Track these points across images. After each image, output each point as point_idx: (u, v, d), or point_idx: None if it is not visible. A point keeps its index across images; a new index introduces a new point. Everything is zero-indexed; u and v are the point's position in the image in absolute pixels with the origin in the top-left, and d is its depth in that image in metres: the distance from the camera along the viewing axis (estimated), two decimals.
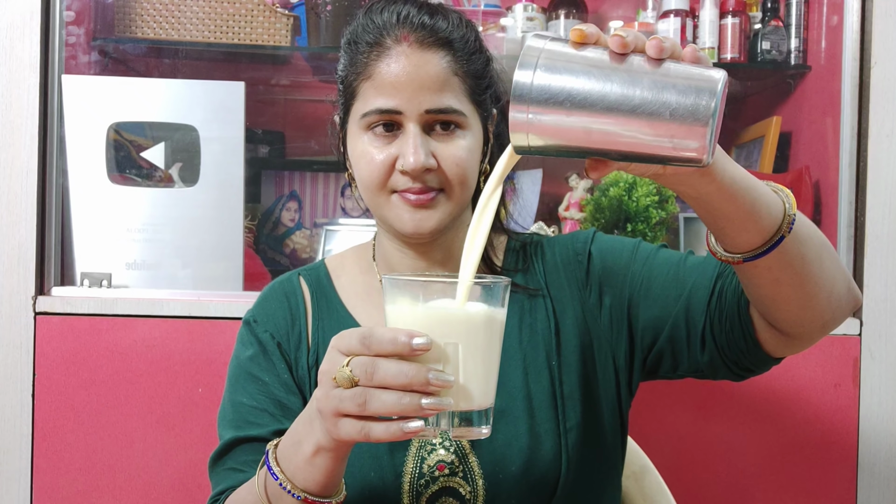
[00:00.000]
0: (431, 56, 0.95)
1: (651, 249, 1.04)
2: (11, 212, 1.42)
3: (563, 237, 1.10)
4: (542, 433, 0.97)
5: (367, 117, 0.96)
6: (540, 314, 1.04)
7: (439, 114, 0.95)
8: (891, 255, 1.46)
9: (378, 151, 0.96)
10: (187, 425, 1.42)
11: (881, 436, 1.44)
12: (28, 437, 1.41)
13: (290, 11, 1.70)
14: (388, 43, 0.95)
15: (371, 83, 0.96)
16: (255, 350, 1.03)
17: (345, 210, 1.88)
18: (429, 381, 0.67)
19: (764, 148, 1.76)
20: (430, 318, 0.70)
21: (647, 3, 1.84)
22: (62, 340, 1.41)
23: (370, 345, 0.69)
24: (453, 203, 0.98)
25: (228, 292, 1.48)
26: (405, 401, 0.68)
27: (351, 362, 0.70)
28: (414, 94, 0.94)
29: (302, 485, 0.80)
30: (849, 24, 1.51)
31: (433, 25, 0.96)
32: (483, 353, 0.71)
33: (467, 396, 0.70)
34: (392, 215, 0.98)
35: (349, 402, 0.69)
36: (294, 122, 1.94)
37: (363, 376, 0.69)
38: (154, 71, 1.75)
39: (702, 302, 0.96)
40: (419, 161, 0.93)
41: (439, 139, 0.96)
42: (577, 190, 1.70)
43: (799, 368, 1.44)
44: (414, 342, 0.68)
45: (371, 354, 0.69)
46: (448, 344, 0.68)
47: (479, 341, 0.71)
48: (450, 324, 0.69)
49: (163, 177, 1.54)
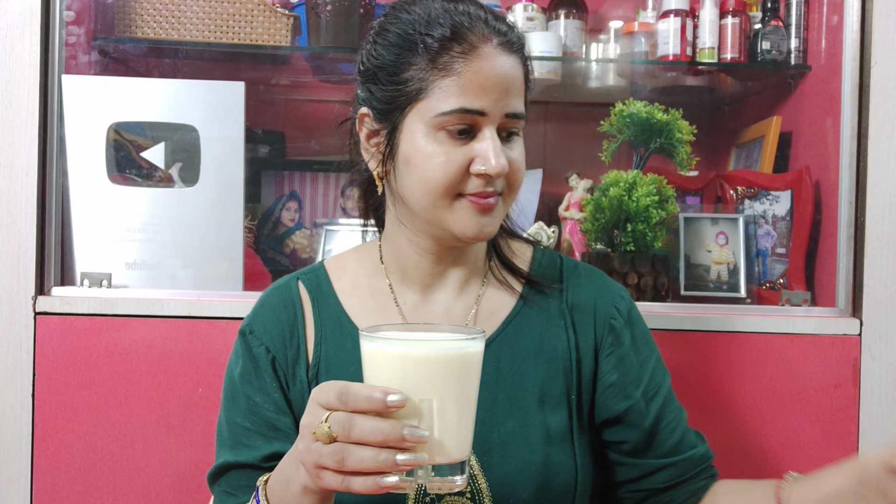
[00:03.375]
0: (514, 59, 0.94)
1: (656, 391, 1.05)
2: (11, 212, 1.42)
3: (606, 282, 1.09)
4: (556, 464, 0.97)
5: (444, 116, 0.91)
6: (560, 343, 1.03)
7: (516, 118, 0.94)
8: (891, 255, 1.46)
9: (454, 153, 0.92)
10: (187, 425, 1.42)
11: (881, 436, 1.44)
12: (28, 437, 1.41)
13: (290, 11, 1.70)
14: (473, 40, 0.91)
15: (454, 81, 0.90)
16: (246, 365, 1.02)
17: (345, 210, 1.88)
18: (404, 437, 0.69)
19: (764, 148, 1.76)
20: (405, 374, 0.70)
21: (647, 3, 1.84)
22: (62, 340, 1.41)
23: (347, 401, 0.71)
24: (507, 207, 0.99)
25: (228, 292, 1.48)
26: (381, 457, 0.69)
27: (329, 418, 0.71)
28: (500, 96, 0.92)
29: None
30: (849, 24, 1.50)
31: (506, 31, 0.95)
32: (458, 406, 0.72)
33: (442, 450, 0.71)
34: (454, 219, 0.94)
35: (328, 459, 0.71)
36: (294, 122, 1.94)
37: (341, 433, 0.70)
38: (154, 71, 1.75)
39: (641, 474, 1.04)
40: (501, 164, 0.91)
41: (507, 144, 0.95)
42: (577, 190, 1.70)
43: (799, 368, 1.44)
44: (388, 399, 0.69)
45: (348, 410, 0.71)
46: (423, 400, 0.70)
47: (454, 395, 0.71)
48: (425, 379, 0.70)
49: (163, 177, 1.54)
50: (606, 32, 1.86)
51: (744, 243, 1.64)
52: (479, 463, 0.96)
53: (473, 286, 1.06)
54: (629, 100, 1.60)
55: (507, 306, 1.05)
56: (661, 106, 1.59)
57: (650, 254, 1.56)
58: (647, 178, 1.56)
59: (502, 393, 0.99)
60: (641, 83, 1.88)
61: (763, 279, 1.67)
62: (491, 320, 1.04)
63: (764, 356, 1.44)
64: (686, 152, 1.59)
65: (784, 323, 1.45)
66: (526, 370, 1.00)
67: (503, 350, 1.02)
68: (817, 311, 1.51)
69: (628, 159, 1.66)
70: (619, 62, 1.85)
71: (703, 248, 1.65)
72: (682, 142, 1.58)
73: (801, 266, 1.63)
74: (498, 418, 0.98)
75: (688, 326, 1.44)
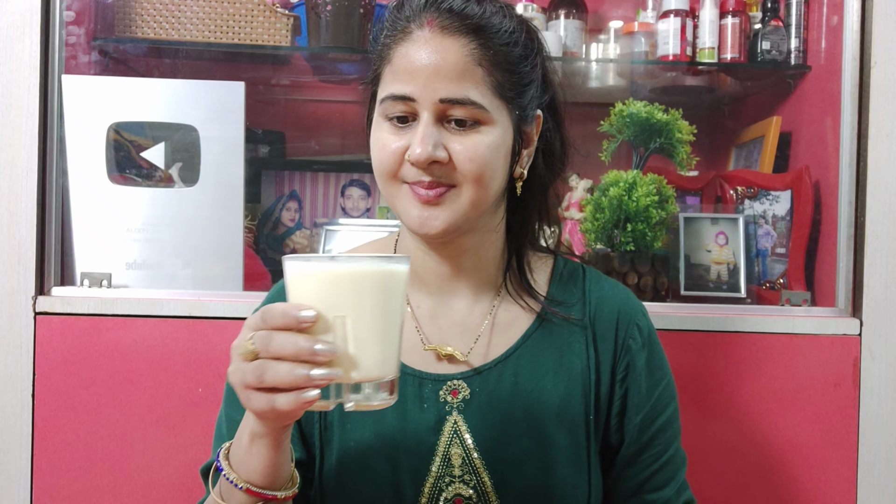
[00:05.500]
0: (453, 42, 0.89)
1: (652, 420, 1.03)
2: (11, 212, 1.42)
3: (630, 298, 1.06)
4: (571, 486, 0.96)
5: (384, 103, 0.92)
6: (580, 360, 1.00)
7: (455, 104, 0.89)
8: (891, 255, 1.46)
9: (392, 139, 0.91)
10: (187, 425, 1.42)
11: (881, 436, 1.44)
12: (28, 437, 1.41)
13: (290, 11, 1.70)
14: (412, 28, 0.91)
15: (390, 68, 0.92)
16: None
17: (345, 210, 1.88)
18: (314, 351, 0.71)
19: (764, 148, 1.76)
20: (319, 292, 0.73)
21: (647, 3, 1.84)
22: (62, 340, 1.41)
23: (267, 318, 0.73)
24: (466, 202, 0.91)
25: (228, 292, 1.48)
26: (297, 371, 0.71)
27: (254, 336, 0.73)
28: (429, 80, 0.88)
29: (245, 476, 0.82)
30: (849, 24, 1.50)
31: (462, 10, 0.90)
32: (374, 325, 0.73)
33: (358, 367, 0.73)
34: (401, 207, 0.93)
35: (250, 375, 0.73)
36: (294, 122, 1.94)
37: (262, 348, 0.72)
38: (154, 71, 1.75)
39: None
40: (426, 152, 0.88)
41: (454, 133, 0.90)
42: (577, 190, 1.70)
43: (799, 368, 1.44)
44: (300, 314, 0.72)
45: (268, 328, 0.73)
46: (336, 317, 0.72)
47: (369, 314, 0.73)
48: (339, 296, 0.72)
49: (163, 177, 1.54)
50: (606, 32, 1.86)
51: (744, 243, 1.64)
52: (491, 480, 0.95)
53: (487, 296, 1.02)
54: (629, 100, 1.60)
55: (525, 319, 1.02)
56: (661, 106, 1.59)
57: (650, 254, 1.56)
58: (647, 178, 1.56)
59: (519, 409, 0.97)
60: (641, 83, 1.88)
61: (763, 279, 1.67)
62: (508, 332, 1.01)
63: (764, 356, 1.44)
64: (686, 152, 1.59)
65: (784, 323, 1.45)
66: (545, 387, 0.98)
67: (521, 365, 0.99)
68: (817, 311, 1.51)
69: (628, 159, 1.66)
70: (619, 62, 1.85)
71: (703, 248, 1.65)
72: (681, 142, 1.58)
73: (801, 266, 1.63)
74: (513, 435, 0.96)
75: (688, 326, 1.44)
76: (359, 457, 0.96)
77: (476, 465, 0.95)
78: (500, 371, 0.99)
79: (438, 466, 0.95)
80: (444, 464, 0.95)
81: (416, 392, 0.98)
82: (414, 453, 0.95)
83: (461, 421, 0.96)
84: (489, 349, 1.00)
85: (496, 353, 1.00)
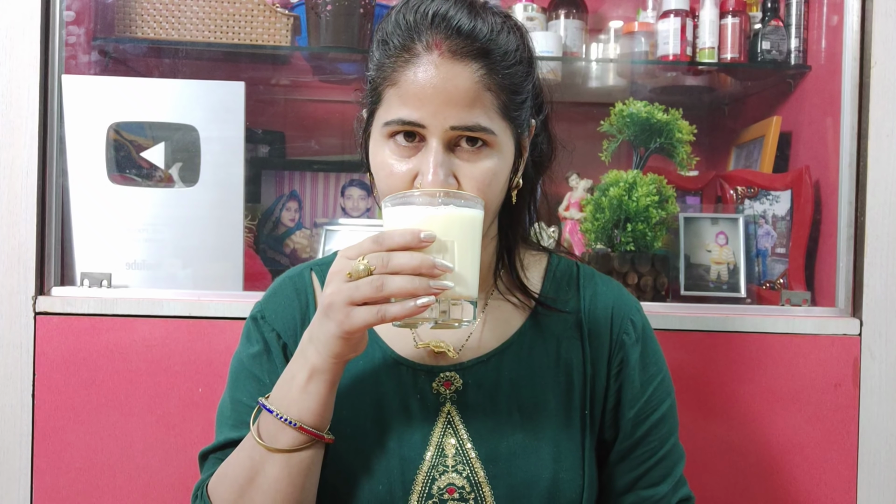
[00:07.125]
0: (463, 68, 0.87)
1: (647, 415, 1.03)
2: (11, 212, 1.42)
3: (623, 294, 1.07)
4: (565, 481, 0.96)
5: (388, 126, 0.90)
6: (576, 356, 1.02)
7: (465, 131, 0.88)
8: (891, 255, 1.46)
9: (398, 164, 0.90)
10: (187, 425, 1.42)
11: (881, 436, 1.44)
12: (28, 437, 1.41)
13: (290, 11, 1.70)
14: (418, 49, 0.88)
15: (396, 91, 0.89)
16: (258, 349, 1.02)
17: (345, 210, 1.88)
18: (434, 265, 0.81)
19: (764, 148, 1.76)
20: (431, 225, 0.84)
21: (647, 3, 1.84)
22: (62, 340, 1.41)
23: (383, 241, 0.82)
24: None
25: (228, 292, 1.48)
26: (416, 282, 0.80)
27: (367, 257, 0.81)
28: (440, 108, 0.87)
29: (297, 415, 0.88)
30: (849, 24, 1.51)
31: (471, 31, 0.88)
32: (471, 252, 0.85)
33: (462, 282, 0.84)
34: None
35: (366, 287, 0.80)
36: (294, 122, 1.94)
37: (379, 265, 0.81)
38: (154, 71, 1.75)
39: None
40: (437, 182, 0.87)
41: (464, 158, 0.90)
42: (577, 190, 1.70)
43: (799, 368, 1.44)
44: (422, 235, 0.81)
45: (384, 250, 0.81)
46: (447, 240, 0.83)
47: (468, 243, 0.85)
48: (446, 228, 0.84)
49: (163, 177, 1.54)
50: (606, 32, 1.86)
51: (744, 243, 1.64)
52: (484, 471, 0.95)
53: (480, 295, 1.02)
54: (629, 100, 1.60)
55: (518, 316, 1.03)
56: (661, 106, 1.59)
57: (650, 254, 1.56)
58: (647, 178, 1.56)
59: (512, 403, 0.98)
60: (641, 83, 1.88)
61: (763, 279, 1.67)
62: (501, 329, 1.02)
63: (764, 356, 1.44)
64: (686, 152, 1.59)
65: (784, 323, 1.45)
66: (538, 382, 0.99)
67: (514, 359, 1.00)
68: (817, 310, 1.51)
69: (628, 159, 1.66)
70: (619, 62, 1.85)
71: (703, 248, 1.65)
72: (681, 142, 1.58)
73: (801, 266, 1.63)
74: (507, 429, 0.97)
75: (688, 326, 1.44)
76: (354, 444, 0.97)
77: (469, 455, 0.96)
78: (493, 365, 1.00)
79: (432, 456, 0.96)
80: (438, 453, 0.96)
81: (410, 382, 0.99)
82: (408, 442, 0.96)
83: (455, 411, 0.98)
84: (481, 344, 1.01)
85: (489, 347, 1.01)
